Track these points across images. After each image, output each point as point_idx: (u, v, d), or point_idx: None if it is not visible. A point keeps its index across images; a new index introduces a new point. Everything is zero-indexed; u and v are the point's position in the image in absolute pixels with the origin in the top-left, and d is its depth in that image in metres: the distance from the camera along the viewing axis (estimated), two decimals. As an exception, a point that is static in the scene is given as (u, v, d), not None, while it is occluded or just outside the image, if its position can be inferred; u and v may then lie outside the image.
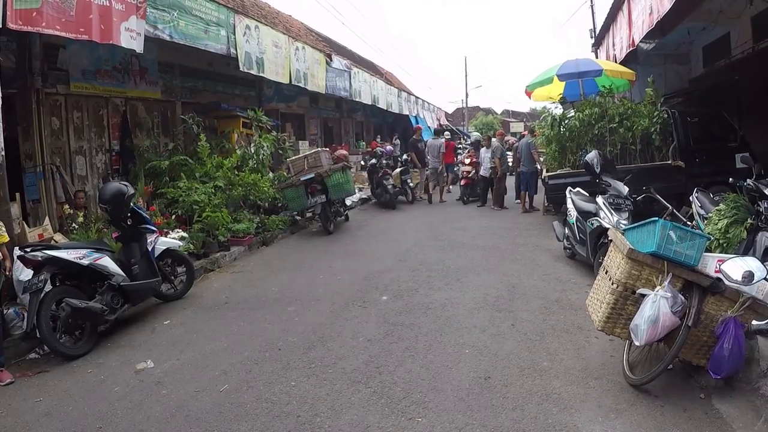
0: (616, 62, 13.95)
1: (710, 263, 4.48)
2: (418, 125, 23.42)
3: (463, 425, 4.07)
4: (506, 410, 4.27)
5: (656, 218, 4.58)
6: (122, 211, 7.10)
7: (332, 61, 17.69)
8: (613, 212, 7.46)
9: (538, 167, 14.85)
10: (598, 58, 17.82)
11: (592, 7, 26.67)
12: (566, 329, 5.94)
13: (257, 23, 12.80)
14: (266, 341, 5.96)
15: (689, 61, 16.00)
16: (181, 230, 9.41)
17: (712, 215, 6.14)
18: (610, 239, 5.13)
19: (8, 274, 5.97)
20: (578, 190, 8.99)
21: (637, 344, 4.45)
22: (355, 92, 19.86)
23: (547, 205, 14.06)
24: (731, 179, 6.55)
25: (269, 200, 12.78)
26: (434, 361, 5.25)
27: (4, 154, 6.70)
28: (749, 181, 5.93)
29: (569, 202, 8.86)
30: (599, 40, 18.46)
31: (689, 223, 6.36)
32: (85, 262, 6.31)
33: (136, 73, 11.74)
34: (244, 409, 4.50)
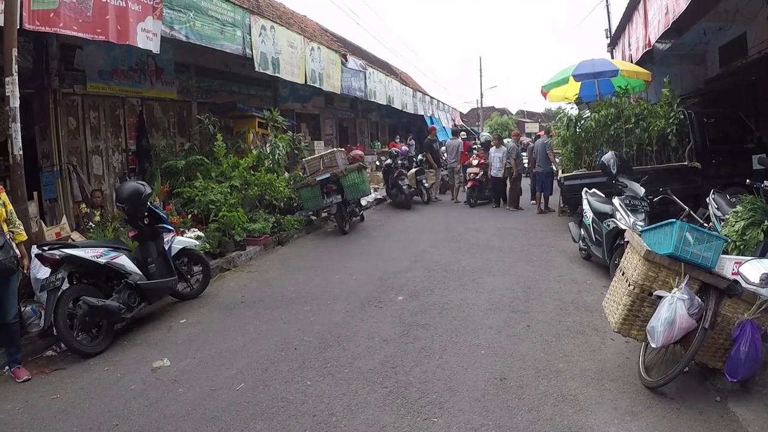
0: (632, 62, 13.88)
1: (727, 265, 4.46)
2: (432, 125, 23.37)
3: (478, 426, 4.07)
4: (522, 411, 4.26)
5: (673, 220, 4.55)
6: (139, 210, 7.14)
7: (347, 61, 17.67)
8: (629, 213, 7.43)
9: (553, 168, 14.79)
10: (613, 58, 17.75)
11: (607, 6, 26.58)
12: (582, 331, 5.93)
13: (273, 23, 12.82)
14: (282, 340, 5.98)
15: (705, 61, 15.87)
16: (197, 229, 9.44)
17: (728, 217, 6.08)
18: (626, 240, 5.11)
19: (26, 272, 6.01)
20: (594, 191, 8.96)
21: (653, 346, 4.42)
22: (370, 92, 19.81)
23: (562, 206, 14.01)
24: (748, 181, 6.50)
25: (285, 200, 12.79)
26: (450, 361, 5.25)
27: (22, 153, 6.78)
28: (766, 182, 5.88)
29: (585, 203, 8.82)
30: (615, 40, 18.37)
31: (706, 224, 6.32)
32: (102, 260, 6.34)
33: (152, 73, 11.82)
34: (260, 407, 4.52)
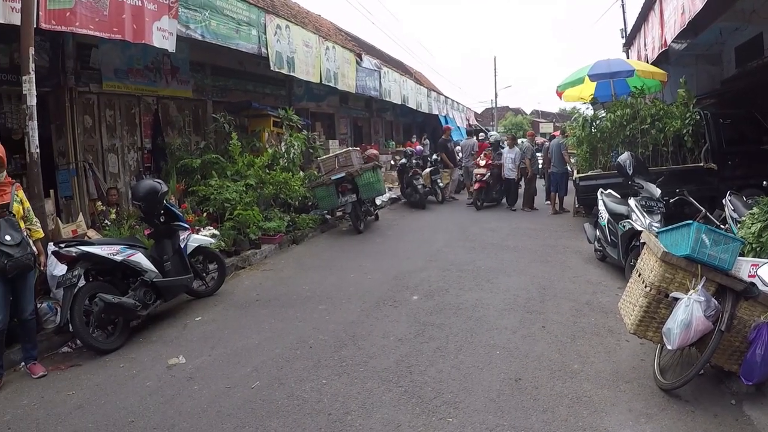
0: (647, 62, 13.81)
1: (744, 267, 4.44)
2: (447, 125, 23.35)
3: (493, 426, 4.07)
4: (537, 412, 4.26)
5: (691, 221, 4.54)
6: (156, 208, 7.19)
7: (362, 60, 17.71)
8: (645, 215, 7.40)
9: (568, 168, 14.73)
10: (629, 58, 17.64)
11: (623, 6, 26.38)
12: (597, 332, 5.91)
13: (288, 23, 12.87)
14: (297, 339, 6.00)
15: (721, 61, 15.72)
16: (212, 228, 9.50)
17: (745, 219, 6.06)
18: (642, 242, 5.09)
19: (42, 269, 6.05)
20: (610, 191, 8.93)
21: (669, 348, 4.40)
22: (384, 92, 19.85)
23: (577, 206, 13.96)
24: (765, 182, 6.47)
25: (300, 199, 12.82)
26: (465, 361, 5.25)
27: (39, 151, 6.84)
28: None
29: (601, 204, 8.78)
30: (630, 39, 18.27)
31: (722, 226, 6.29)
32: (118, 258, 6.37)
33: (167, 72, 11.89)
34: (275, 405, 4.53)
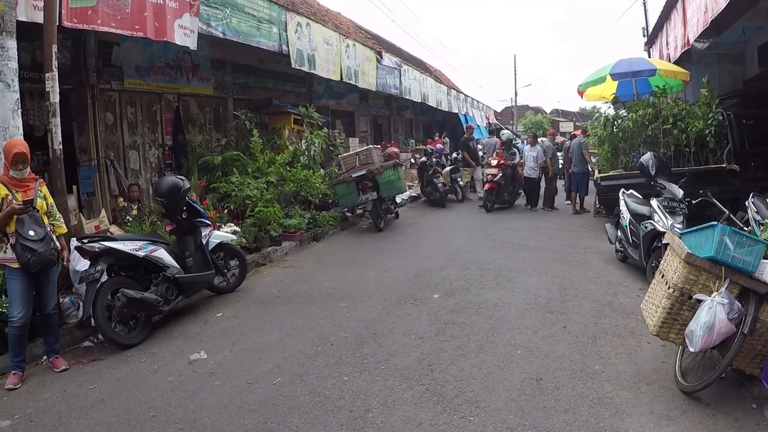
0: (669, 62, 13.68)
1: None
2: (469, 124, 23.28)
3: (514, 426, 4.07)
4: (558, 412, 4.25)
5: (714, 222, 4.50)
6: (178, 204, 7.25)
7: (382, 58, 17.72)
8: (667, 216, 7.34)
9: (589, 168, 14.63)
10: (650, 57, 17.49)
11: (644, 5, 26.18)
12: (618, 333, 5.88)
13: (308, 20, 12.92)
14: (319, 336, 6.03)
15: (744, 61, 15.53)
16: (233, 224, 9.56)
17: (768, 221, 6.00)
18: (664, 243, 5.06)
19: (65, 264, 6.09)
20: (631, 192, 8.86)
21: (691, 350, 4.37)
22: (404, 90, 19.85)
23: (598, 206, 13.85)
24: None
25: (320, 196, 12.83)
26: (486, 360, 5.25)
27: (62, 147, 6.93)
28: None
29: (622, 204, 8.72)
30: (652, 38, 18.09)
31: (745, 228, 6.23)
32: (141, 254, 6.44)
33: (188, 69, 12.00)
34: (296, 402, 4.56)
